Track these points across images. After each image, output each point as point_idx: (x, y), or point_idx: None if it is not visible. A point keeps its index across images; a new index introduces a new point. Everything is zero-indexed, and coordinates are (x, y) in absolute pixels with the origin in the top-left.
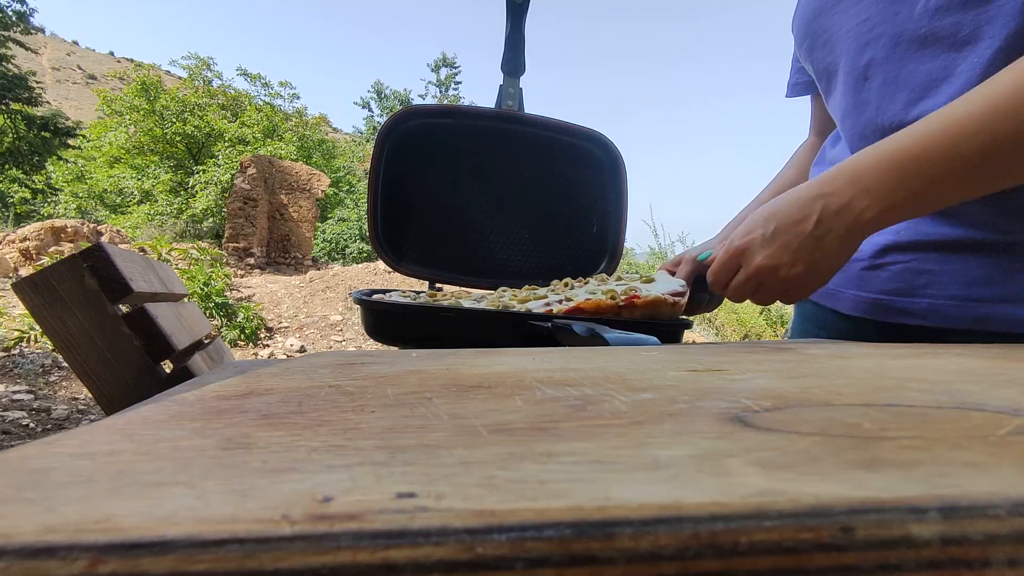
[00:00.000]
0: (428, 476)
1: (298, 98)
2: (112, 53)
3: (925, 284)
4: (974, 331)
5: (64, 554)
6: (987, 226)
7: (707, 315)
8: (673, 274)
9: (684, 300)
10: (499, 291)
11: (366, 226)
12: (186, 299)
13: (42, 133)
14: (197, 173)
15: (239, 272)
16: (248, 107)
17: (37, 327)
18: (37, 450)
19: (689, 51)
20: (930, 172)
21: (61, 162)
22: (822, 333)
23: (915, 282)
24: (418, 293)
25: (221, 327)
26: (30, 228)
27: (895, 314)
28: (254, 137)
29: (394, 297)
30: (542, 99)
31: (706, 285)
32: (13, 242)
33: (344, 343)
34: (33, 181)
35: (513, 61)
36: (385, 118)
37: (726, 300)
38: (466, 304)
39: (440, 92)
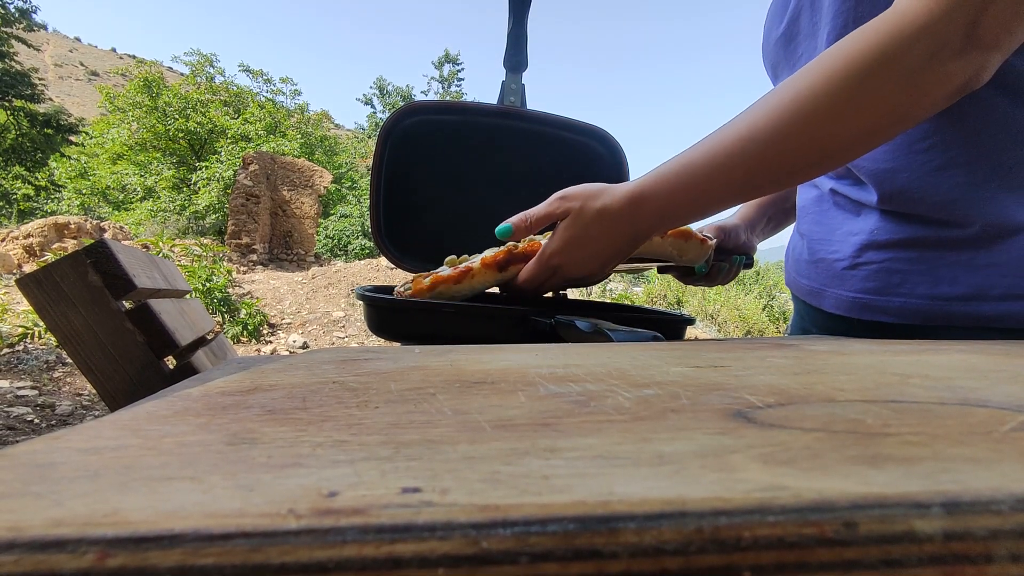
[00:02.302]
0: (432, 471)
1: (300, 94)
2: (114, 50)
3: (899, 283)
4: (950, 327)
5: (73, 547)
6: (950, 224)
7: (709, 312)
8: None
9: (712, 244)
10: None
11: (368, 222)
12: (189, 295)
13: (45, 130)
14: (200, 170)
15: (241, 268)
16: (250, 103)
17: (41, 323)
18: (44, 445)
19: (690, 45)
20: (703, 195)
21: (64, 159)
22: (813, 330)
23: (890, 281)
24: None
25: (224, 323)
26: (33, 225)
27: (873, 312)
28: (256, 134)
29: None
30: (543, 95)
31: (727, 255)
32: (17, 238)
33: (346, 339)
34: (36, 178)
35: (515, 57)
36: (387, 114)
37: (722, 292)
38: (489, 252)
39: (443, 88)
